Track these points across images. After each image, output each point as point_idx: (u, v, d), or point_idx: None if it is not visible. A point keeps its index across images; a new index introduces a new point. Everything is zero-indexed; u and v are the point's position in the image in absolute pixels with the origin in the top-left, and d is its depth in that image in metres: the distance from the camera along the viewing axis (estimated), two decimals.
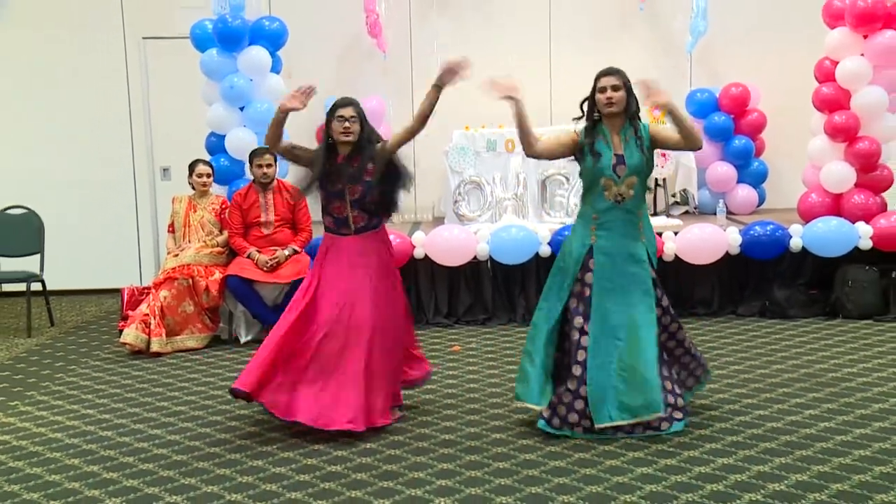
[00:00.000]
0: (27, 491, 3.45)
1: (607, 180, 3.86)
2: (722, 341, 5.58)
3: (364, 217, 4.07)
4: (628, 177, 3.85)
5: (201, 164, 6.25)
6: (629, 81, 3.87)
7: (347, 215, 4.07)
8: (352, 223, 4.07)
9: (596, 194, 3.90)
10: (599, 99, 3.86)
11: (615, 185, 3.85)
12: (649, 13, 7.89)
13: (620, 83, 3.83)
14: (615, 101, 3.83)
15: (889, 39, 6.13)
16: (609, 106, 3.84)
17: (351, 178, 4.00)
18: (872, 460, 3.48)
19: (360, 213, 4.07)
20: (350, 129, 4.02)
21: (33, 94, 7.91)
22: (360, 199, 4.03)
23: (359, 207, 4.05)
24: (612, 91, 3.82)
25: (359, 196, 4.03)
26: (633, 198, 3.88)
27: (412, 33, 8.02)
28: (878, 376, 4.66)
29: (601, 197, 3.88)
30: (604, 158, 3.86)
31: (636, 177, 3.86)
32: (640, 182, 3.89)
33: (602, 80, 3.86)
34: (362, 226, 4.08)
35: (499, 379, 4.86)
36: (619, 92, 3.83)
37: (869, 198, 6.37)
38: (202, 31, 6.54)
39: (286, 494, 3.32)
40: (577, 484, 3.34)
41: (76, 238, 7.82)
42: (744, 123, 7.51)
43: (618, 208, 3.87)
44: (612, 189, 3.86)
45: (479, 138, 7.11)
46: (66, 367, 5.44)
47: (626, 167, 3.84)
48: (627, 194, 3.86)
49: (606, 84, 3.84)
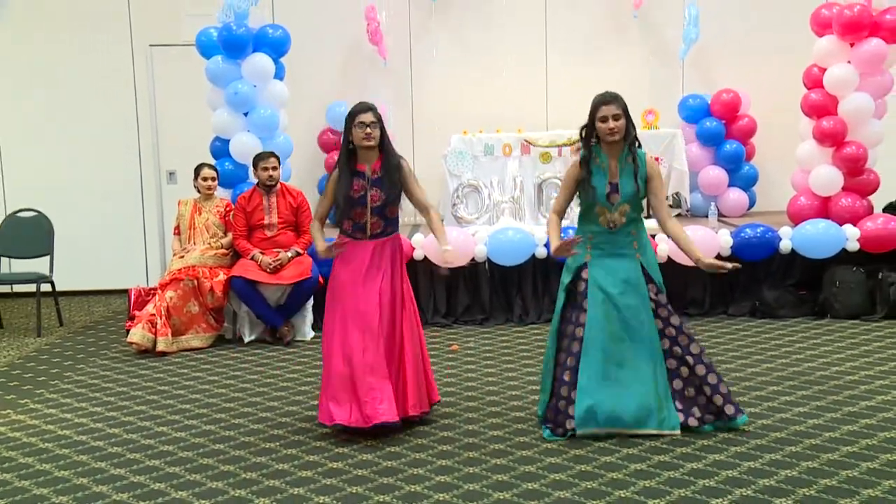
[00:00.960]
0: (37, 486, 3.51)
1: (601, 207, 3.94)
2: (713, 341, 5.66)
3: (381, 224, 4.09)
4: (621, 205, 3.91)
5: (206, 168, 6.34)
6: (626, 107, 3.90)
7: (366, 221, 4.07)
8: (368, 229, 4.08)
9: (591, 218, 3.99)
10: (601, 128, 3.88)
11: (609, 212, 3.93)
12: (643, 21, 7.98)
13: (620, 111, 3.86)
14: (617, 130, 3.85)
15: (875, 47, 6.22)
16: (611, 135, 3.86)
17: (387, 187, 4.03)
18: (860, 456, 3.54)
19: (378, 220, 4.08)
20: (371, 134, 4.00)
21: (43, 100, 8.00)
22: (380, 207, 4.06)
23: (378, 214, 4.07)
24: (614, 121, 3.84)
25: (380, 203, 4.05)
26: (626, 224, 3.93)
27: (412, 41, 8.10)
28: (864, 374, 4.74)
29: (596, 221, 3.97)
30: (599, 187, 3.92)
31: (629, 205, 3.91)
32: (633, 208, 3.93)
33: (603, 110, 3.86)
34: (378, 232, 4.09)
35: (496, 378, 4.93)
36: (620, 121, 3.85)
37: (856, 201, 6.47)
38: (207, 38, 6.62)
39: (288, 490, 3.38)
40: (572, 480, 3.40)
41: (85, 240, 7.91)
42: (735, 128, 7.60)
43: (611, 233, 3.96)
44: (606, 216, 3.94)
45: (477, 142, 7.21)
46: (75, 366, 5.52)
47: (620, 195, 3.90)
48: (620, 221, 3.92)
49: (608, 113, 3.85)
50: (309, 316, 6.18)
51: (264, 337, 6.08)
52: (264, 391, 4.81)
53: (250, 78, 6.57)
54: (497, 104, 7.82)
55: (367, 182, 4.05)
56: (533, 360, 5.31)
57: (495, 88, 7.93)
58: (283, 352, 5.76)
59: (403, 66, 8.09)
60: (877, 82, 6.37)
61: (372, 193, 4.04)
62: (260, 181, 6.12)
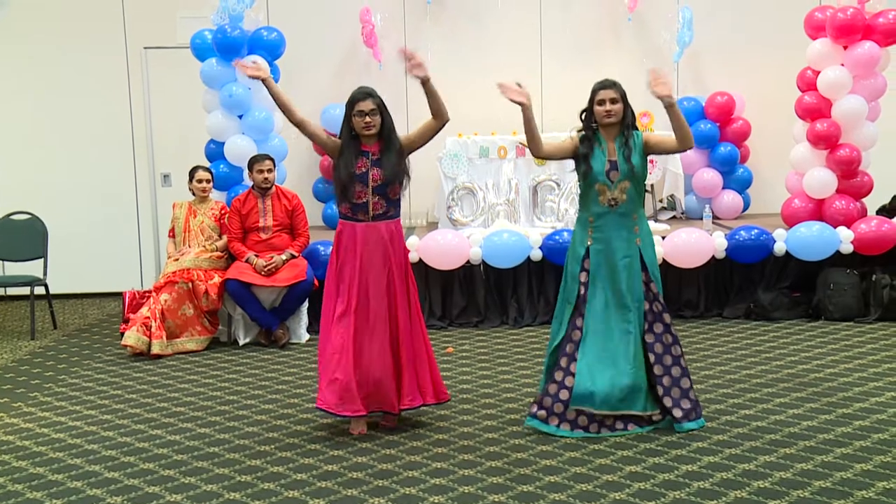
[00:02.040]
0: (31, 490, 3.50)
1: (601, 185, 4.00)
2: (708, 343, 5.68)
3: (383, 205, 3.99)
4: (621, 181, 3.98)
5: (201, 171, 6.33)
6: (625, 93, 4.01)
7: (367, 201, 3.97)
8: (371, 209, 3.98)
9: (591, 199, 4.04)
10: (598, 111, 4.00)
11: (609, 190, 3.99)
12: (637, 24, 8.01)
13: (618, 96, 3.97)
14: (613, 113, 3.97)
15: (868, 50, 6.26)
16: (608, 118, 3.98)
17: (390, 172, 3.94)
18: (853, 458, 3.55)
19: (380, 201, 3.98)
20: (371, 122, 3.92)
21: (37, 102, 7.98)
22: (382, 186, 3.96)
23: (379, 194, 3.97)
24: (611, 104, 3.96)
25: (381, 182, 3.95)
26: (627, 202, 3.99)
27: (406, 44, 8.10)
28: (858, 376, 4.76)
29: (596, 202, 4.03)
30: (597, 165, 3.99)
31: (629, 181, 3.99)
32: (634, 186, 4.00)
33: (601, 94, 3.99)
34: (380, 213, 4.00)
35: (491, 380, 4.94)
36: (617, 105, 3.97)
37: (850, 203, 6.50)
38: (202, 41, 6.62)
39: (283, 493, 3.38)
40: (567, 482, 3.41)
41: (79, 243, 7.89)
42: (729, 131, 7.63)
43: (612, 212, 4.00)
44: (606, 194, 4.00)
45: (472, 145, 7.22)
46: (69, 369, 5.50)
47: (619, 172, 3.97)
48: (621, 198, 3.99)
49: (605, 97, 3.97)
50: (304, 319, 6.17)
51: (259, 340, 6.07)
52: (259, 394, 4.81)
53: (245, 80, 6.55)
54: (492, 107, 7.73)
55: (370, 161, 3.98)
56: (528, 363, 5.31)
57: (490, 91, 7.83)
58: (278, 355, 5.75)
59: (398, 68, 8.00)
60: (870, 85, 6.41)
61: (373, 173, 3.96)
62: (255, 184, 6.12)
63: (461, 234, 6.52)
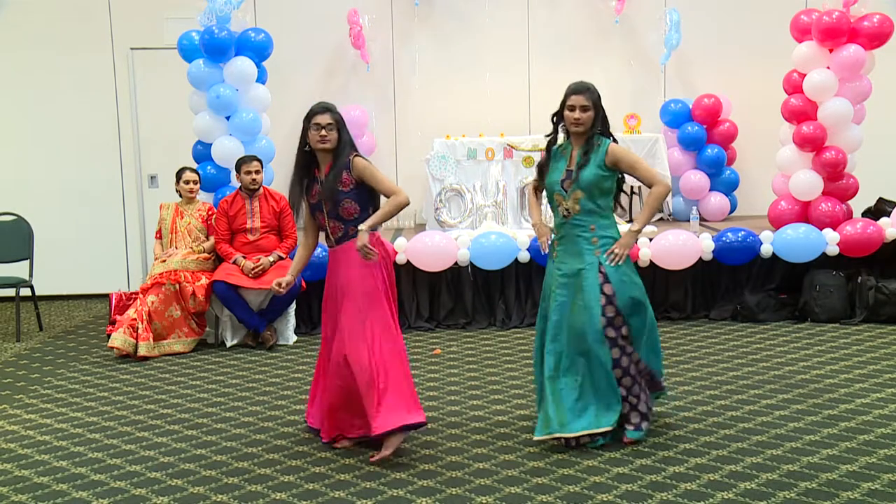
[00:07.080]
0: (15, 493, 3.49)
1: (557, 195, 3.90)
2: (695, 344, 5.70)
3: (340, 227, 3.83)
4: (574, 191, 3.83)
5: (188, 172, 6.31)
6: (599, 98, 3.85)
7: (326, 227, 3.88)
8: (331, 235, 3.88)
9: (553, 208, 3.98)
10: (567, 116, 3.85)
11: (564, 200, 3.88)
12: (624, 27, 8.04)
13: (589, 103, 3.81)
14: (582, 121, 3.82)
15: (853, 53, 6.30)
16: (575, 126, 3.84)
17: (326, 190, 3.78)
18: (839, 459, 3.58)
19: (336, 224, 3.84)
20: (327, 136, 3.76)
21: (23, 103, 7.95)
22: (333, 210, 3.81)
23: (334, 218, 3.83)
24: (581, 112, 3.80)
25: (331, 206, 3.80)
26: (581, 212, 3.83)
27: (394, 46, 8.11)
28: (844, 378, 4.79)
29: (556, 213, 3.95)
30: (554, 175, 3.91)
31: (582, 192, 3.81)
32: (588, 197, 3.82)
33: (572, 99, 3.83)
34: (340, 236, 3.85)
35: (479, 382, 4.94)
36: (588, 112, 3.81)
37: (835, 205, 6.53)
38: (189, 42, 6.60)
39: (270, 495, 3.38)
40: (554, 484, 3.42)
41: (65, 244, 7.86)
42: (716, 133, 7.66)
43: (567, 223, 3.90)
44: (562, 204, 3.89)
45: (460, 147, 7.23)
46: (55, 371, 5.48)
47: (574, 182, 3.82)
48: (574, 209, 3.84)
49: (576, 103, 3.81)
50: (291, 320, 6.16)
51: (246, 341, 6.06)
52: (247, 396, 4.80)
53: (232, 82, 6.55)
54: (479, 108, 7.85)
55: (321, 186, 3.83)
56: (516, 365, 5.32)
57: (478, 93, 7.95)
58: (266, 356, 5.74)
59: (386, 70, 8.10)
60: (856, 88, 6.45)
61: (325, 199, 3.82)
62: (242, 185, 6.11)
63: (449, 236, 6.52)
